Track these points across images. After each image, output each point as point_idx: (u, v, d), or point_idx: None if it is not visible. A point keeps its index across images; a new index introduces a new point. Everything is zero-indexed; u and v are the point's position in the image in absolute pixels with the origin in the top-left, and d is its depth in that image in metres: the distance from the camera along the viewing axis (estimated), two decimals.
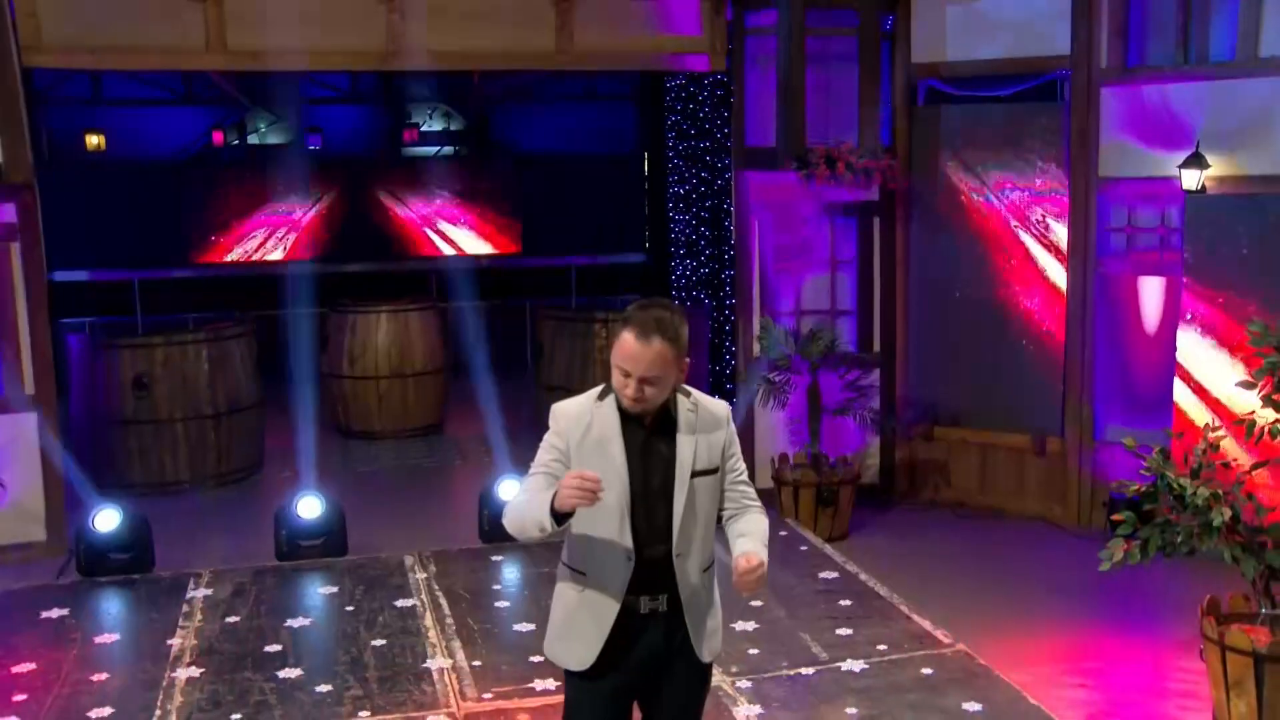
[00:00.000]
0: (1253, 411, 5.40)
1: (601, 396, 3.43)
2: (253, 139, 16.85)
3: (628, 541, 3.34)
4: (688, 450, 3.37)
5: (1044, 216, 8.32)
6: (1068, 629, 6.51)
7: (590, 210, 15.83)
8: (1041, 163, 8.29)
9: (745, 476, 3.57)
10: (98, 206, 14.61)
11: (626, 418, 3.38)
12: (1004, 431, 8.57)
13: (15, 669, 5.85)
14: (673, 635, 3.43)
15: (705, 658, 3.48)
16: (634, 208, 15.78)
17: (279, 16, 8.01)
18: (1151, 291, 8.09)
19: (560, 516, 3.21)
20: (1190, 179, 7.45)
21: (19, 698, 5.51)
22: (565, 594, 3.48)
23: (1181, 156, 7.45)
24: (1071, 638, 6.39)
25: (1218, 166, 7.42)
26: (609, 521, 3.33)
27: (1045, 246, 8.33)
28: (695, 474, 3.38)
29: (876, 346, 8.93)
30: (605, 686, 3.42)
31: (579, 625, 3.42)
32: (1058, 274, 8.28)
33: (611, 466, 3.33)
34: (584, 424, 3.39)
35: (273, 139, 16.92)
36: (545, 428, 3.48)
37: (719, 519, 3.51)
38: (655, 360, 3.26)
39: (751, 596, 4.04)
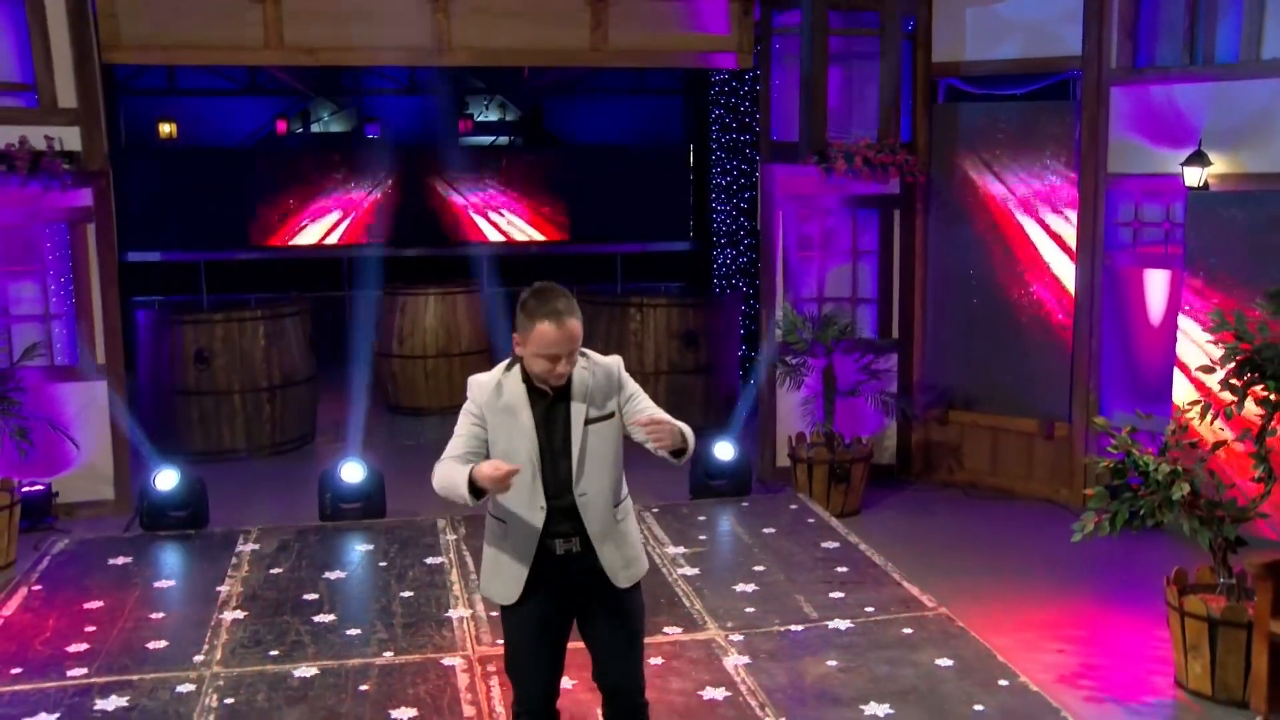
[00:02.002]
0: (1196, 402, 5.75)
1: (509, 368, 3.93)
2: (315, 127, 17.55)
3: (539, 491, 3.84)
4: (581, 403, 3.86)
5: (1055, 211, 8.66)
6: (1055, 600, 6.87)
7: (636, 199, 16.30)
8: (1053, 159, 8.63)
9: (653, 408, 3.95)
10: (169, 192, 15.37)
11: (530, 385, 3.87)
12: (1014, 416, 8.93)
13: (87, 605, 6.54)
14: (588, 572, 3.91)
15: (622, 584, 3.95)
16: (679, 198, 16.28)
17: (332, 14, 8.63)
18: (1156, 284, 8.39)
19: (478, 492, 3.72)
20: (1193, 176, 7.75)
21: (89, 629, 6.20)
22: (491, 540, 4.00)
23: (1186, 154, 7.76)
24: (1058, 608, 6.75)
25: (1220, 164, 7.72)
26: (522, 476, 3.81)
27: (1055, 239, 8.67)
28: (589, 421, 3.86)
29: (895, 333, 9.32)
30: (532, 618, 3.94)
31: (503, 566, 3.93)
32: (1067, 266, 8.61)
33: (520, 429, 3.84)
34: (495, 393, 3.89)
35: (334, 128, 17.60)
36: None
37: (645, 450, 3.93)
38: (574, 338, 3.76)
39: (750, 565, 4.45)
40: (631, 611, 4.05)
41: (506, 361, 3.96)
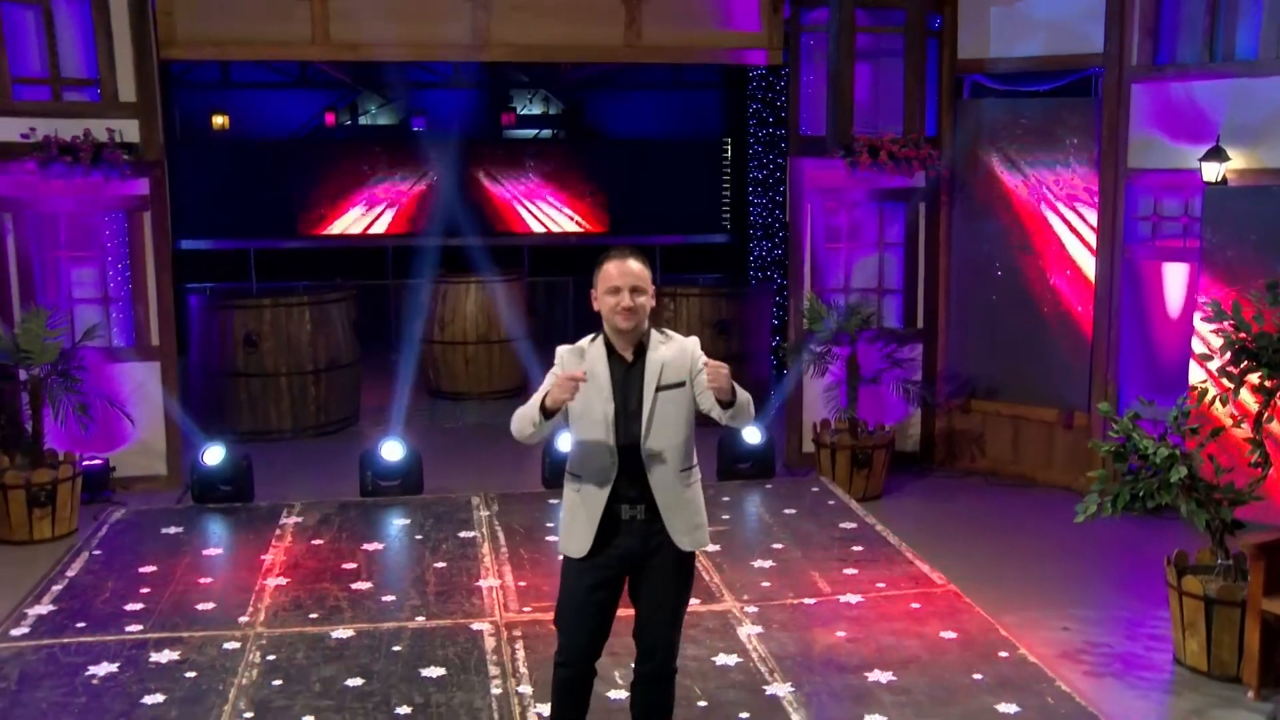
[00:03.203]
0: (1204, 381, 5.95)
1: (593, 340, 4.26)
2: (363, 120, 17.98)
3: (613, 448, 4.15)
4: (655, 369, 4.17)
5: (1075, 205, 8.85)
6: (1065, 582, 7.10)
7: (675, 192, 16.58)
8: (1074, 154, 8.83)
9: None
10: (221, 182, 15.85)
11: (612, 352, 4.20)
12: (1035, 405, 9.14)
13: (142, 569, 6.98)
14: (649, 538, 4.21)
15: (686, 547, 4.24)
16: (716, 191, 16.55)
17: (375, 12, 8.99)
18: (1175, 277, 8.56)
19: (548, 412, 4.07)
20: (1210, 171, 7.93)
21: (144, 590, 6.64)
22: (568, 496, 4.31)
23: (1205, 150, 7.93)
24: (1066, 589, 6.98)
25: (1238, 160, 7.89)
26: (597, 432, 4.16)
27: (1076, 233, 8.86)
28: (660, 388, 4.16)
29: (920, 323, 9.55)
30: (588, 576, 4.24)
31: (577, 518, 4.24)
32: (1087, 259, 8.81)
33: (598, 389, 4.16)
34: (578, 358, 4.23)
35: (381, 120, 18.02)
36: None
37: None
38: (634, 272, 4.11)
39: (770, 543, 4.69)
40: (684, 578, 4.34)
41: (591, 336, 4.29)
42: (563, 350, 4.31)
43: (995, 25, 9.04)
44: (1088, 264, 8.82)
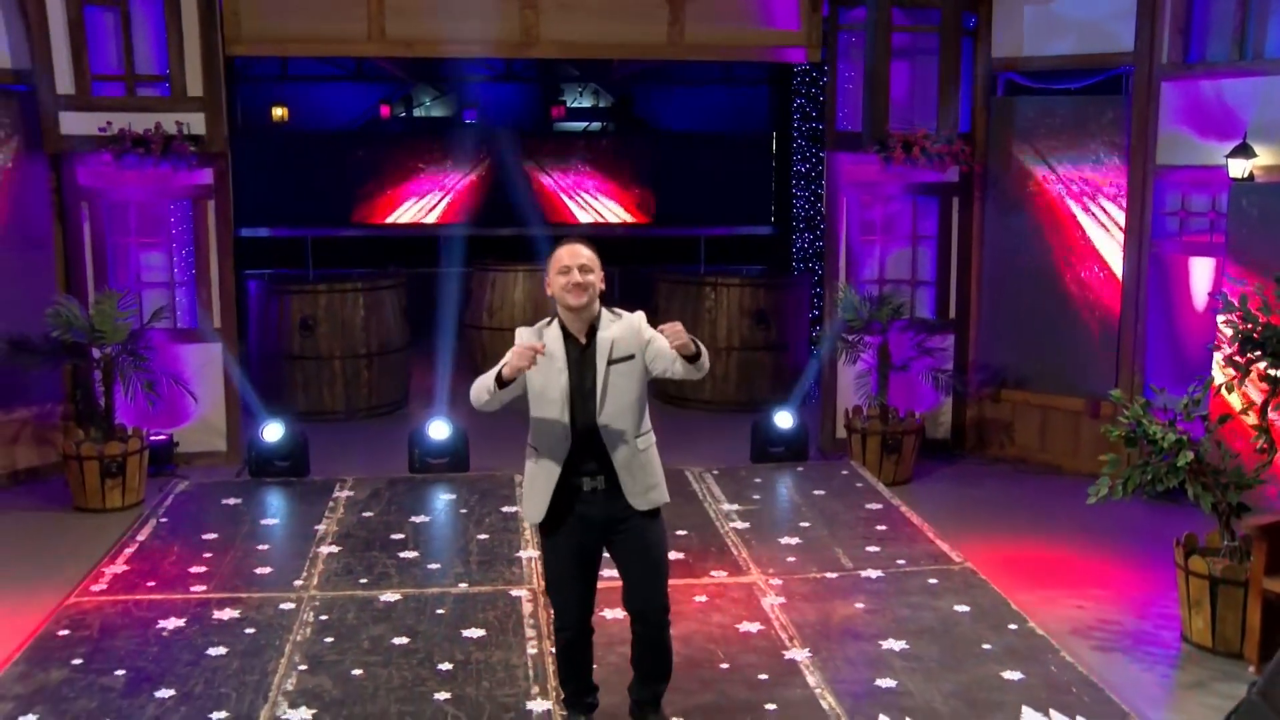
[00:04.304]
0: (1226, 369, 6.19)
1: (549, 323, 4.63)
2: (417, 112, 18.41)
3: (566, 420, 4.51)
4: (605, 347, 4.53)
5: (1104, 200, 9.08)
6: (1082, 563, 7.35)
7: (721, 185, 16.86)
8: (1104, 151, 9.05)
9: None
10: (279, 172, 16.35)
11: (566, 335, 4.56)
12: (1062, 395, 9.37)
13: (204, 536, 7.45)
14: (613, 504, 4.58)
15: (642, 507, 4.60)
16: (761, 183, 16.80)
17: (429, 10, 9.39)
18: (1201, 271, 8.77)
19: (503, 382, 4.42)
20: (1237, 168, 8.12)
21: (207, 555, 7.11)
22: (528, 468, 4.68)
23: (1232, 146, 8.12)
24: (1083, 570, 7.23)
25: (1265, 156, 8.07)
26: (553, 409, 4.52)
27: (1104, 228, 9.09)
28: (612, 362, 4.52)
29: (952, 314, 9.82)
30: (566, 547, 4.63)
31: (535, 488, 4.62)
32: (1115, 253, 9.03)
33: (557, 369, 4.52)
34: (538, 338, 4.57)
35: (435, 113, 18.46)
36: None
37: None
38: (583, 255, 4.48)
39: (797, 521, 4.99)
40: (653, 541, 4.70)
41: (546, 319, 4.66)
42: (522, 330, 4.67)
43: (1029, 24, 9.27)
44: (1115, 259, 9.04)
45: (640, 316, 4.66)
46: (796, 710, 5.13)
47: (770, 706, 5.16)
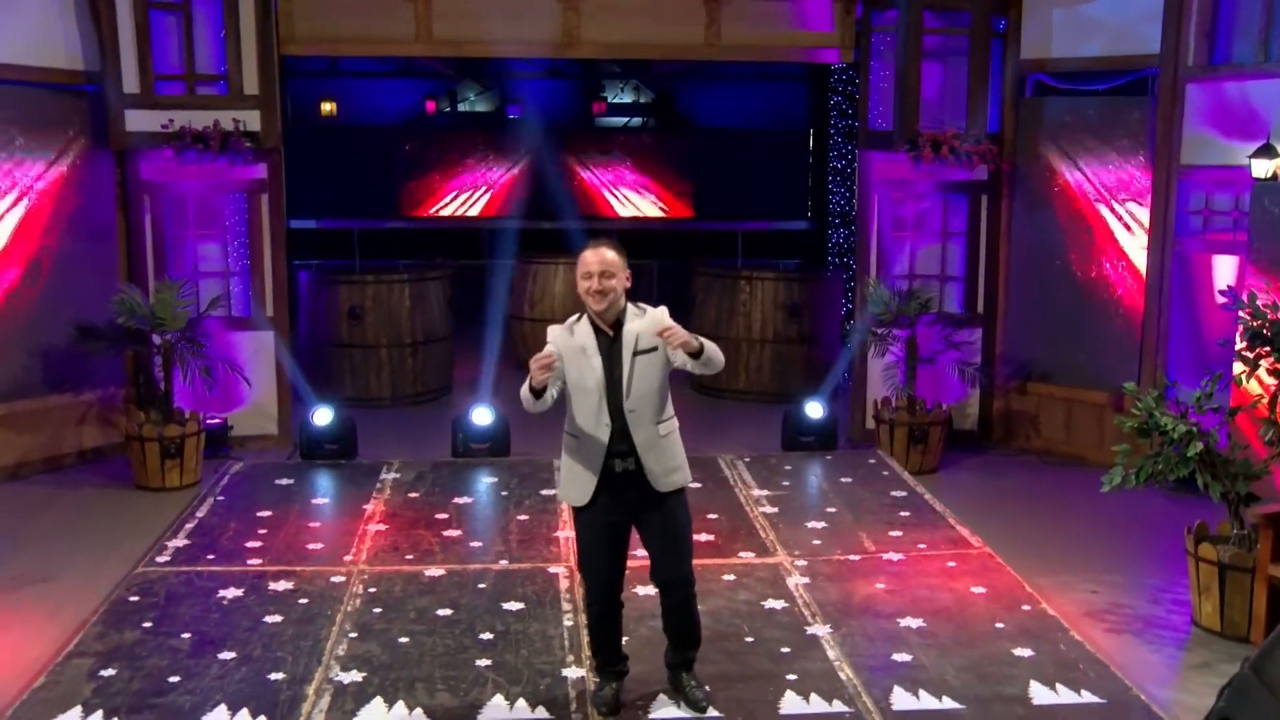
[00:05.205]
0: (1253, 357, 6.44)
1: (578, 320, 4.97)
2: (462, 107, 18.80)
3: (605, 411, 4.86)
4: (631, 339, 4.87)
5: (1129, 199, 9.29)
6: (1102, 551, 7.58)
7: (759, 180, 17.13)
8: (1130, 150, 9.26)
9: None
10: (328, 165, 16.77)
11: (596, 330, 4.90)
12: (1087, 389, 9.60)
13: (259, 514, 7.88)
14: (641, 485, 4.92)
15: (662, 489, 4.93)
16: (798, 179, 17.04)
17: (475, 11, 9.76)
18: (1224, 268, 8.95)
19: (536, 392, 4.80)
20: (1260, 168, 8.29)
21: (261, 531, 7.52)
22: (568, 453, 5.02)
23: (1256, 147, 8.31)
24: (1100, 556, 7.46)
25: None
26: (591, 400, 4.88)
27: (1128, 227, 9.31)
28: (637, 353, 4.85)
29: (980, 308, 10.07)
30: (597, 524, 4.97)
31: (577, 474, 4.96)
32: (1139, 251, 9.25)
33: (589, 363, 4.87)
34: (568, 334, 4.94)
35: (479, 108, 18.84)
36: None
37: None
38: (606, 260, 4.78)
39: (824, 507, 5.30)
40: (677, 520, 5.03)
41: (577, 315, 5.00)
42: (553, 329, 5.03)
43: (1058, 27, 9.50)
44: (1139, 256, 9.26)
45: (663, 311, 4.97)
46: (816, 681, 5.45)
47: (791, 676, 5.48)
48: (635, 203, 17.79)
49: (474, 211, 17.54)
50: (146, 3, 9.04)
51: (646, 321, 4.91)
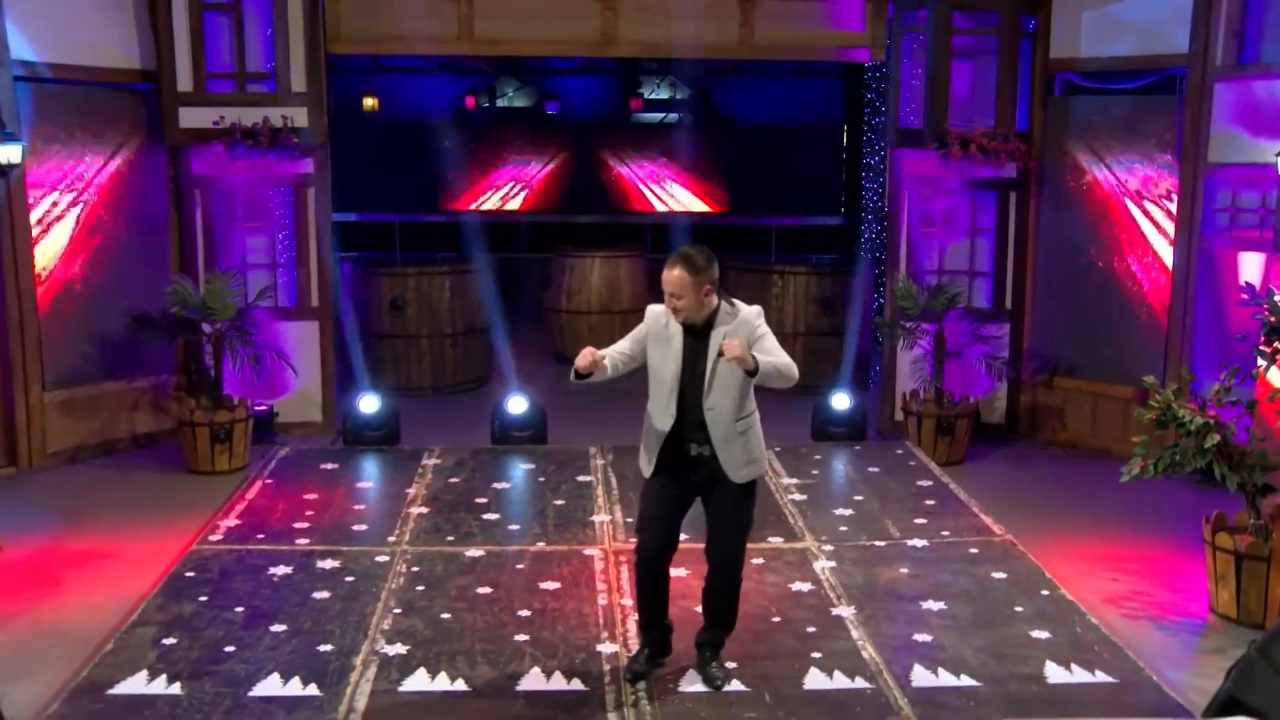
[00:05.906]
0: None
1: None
2: (501, 103, 19.10)
3: (673, 403, 5.15)
4: (717, 340, 5.11)
5: (1156, 196, 9.44)
6: (1121, 539, 7.74)
7: (793, 176, 17.32)
8: (1157, 149, 9.40)
9: (775, 349, 5.14)
10: (370, 159, 17.11)
11: (688, 325, 5.15)
12: (1113, 383, 9.74)
13: (306, 497, 8.20)
14: (714, 469, 5.19)
15: (738, 479, 5.22)
16: (833, 175, 17.22)
17: (515, 11, 10.04)
18: (1250, 265, 9.08)
19: (579, 375, 5.05)
20: None
21: (309, 513, 7.84)
22: (645, 430, 5.32)
23: None
24: (1121, 546, 7.62)
25: None
26: (664, 388, 5.17)
27: (1155, 223, 9.45)
28: (721, 355, 5.06)
29: (1008, 304, 10.24)
30: (661, 492, 5.26)
31: (649, 446, 5.28)
32: (1166, 248, 9.39)
33: (671, 353, 5.15)
34: (661, 322, 5.20)
35: (518, 104, 19.14)
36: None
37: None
38: (674, 281, 5.02)
39: (851, 495, 5.55)
40: (744, 506, 5.32)
41: None
42: (654, 308, 5.29)
43: (1086, 27, 9.65)
44: (1166, 253, 9.40)
45: (756, 312, 5.22)
46: (839, 659, 5.68)
47: (816, 655, 5.72)
48: (671, 198, 18.02)
49: (512, 205, 17.84)
50: (201, 3, 9.38)
51: (735, 324, 5.14)
